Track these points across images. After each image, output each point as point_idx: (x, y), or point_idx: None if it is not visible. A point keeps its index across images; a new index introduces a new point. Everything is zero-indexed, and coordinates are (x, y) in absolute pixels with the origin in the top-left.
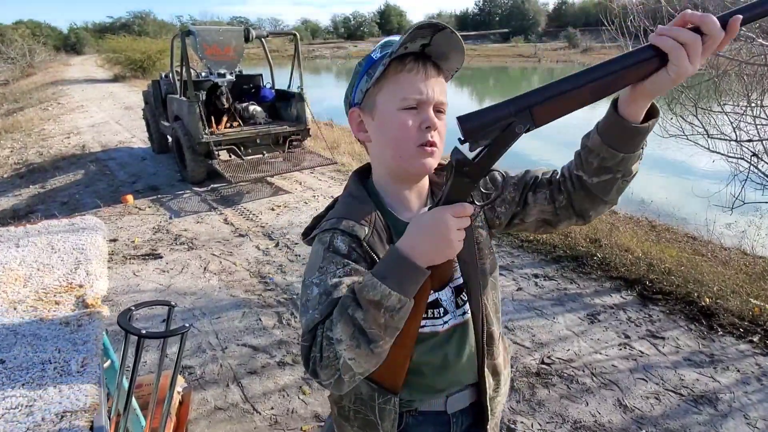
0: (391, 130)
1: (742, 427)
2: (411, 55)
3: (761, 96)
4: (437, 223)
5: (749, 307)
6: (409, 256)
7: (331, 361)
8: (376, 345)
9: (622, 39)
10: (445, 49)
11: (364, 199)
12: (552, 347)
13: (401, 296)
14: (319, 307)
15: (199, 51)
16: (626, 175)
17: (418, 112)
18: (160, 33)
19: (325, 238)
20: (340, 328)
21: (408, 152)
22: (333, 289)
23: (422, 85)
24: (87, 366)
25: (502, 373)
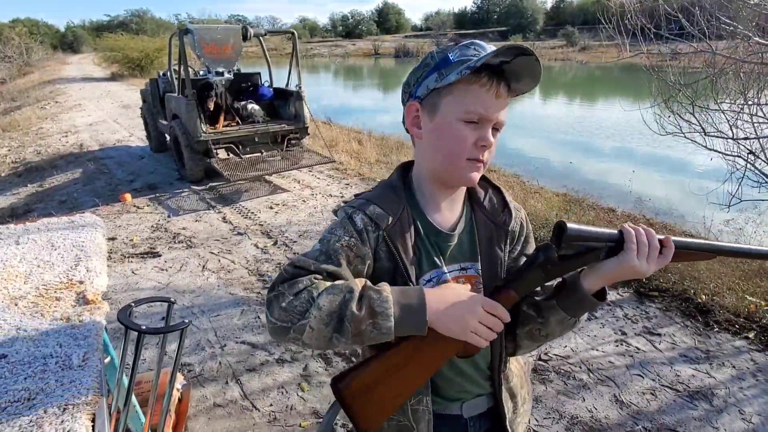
0: (447, 138)
1: (737, 422)
2: (487, 69)
3: (758, 94)
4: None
5: (745, 304)
6: (429, 311)
7: (295, 313)
8: (338, 338)
9: (619, 37)
10: (523, 71)
11: (399, 192)
12: (549, 344)
13: (393, 328)
14: (317, 260)
15: (197, 49)
16: (545, 326)
17: (478, 127)
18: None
19: (349, 211)
20: (327, 300)
21: (458, 164)
22: (333, 254)
23: (490, 102)
24: (88, 360)
25: (518, 395)
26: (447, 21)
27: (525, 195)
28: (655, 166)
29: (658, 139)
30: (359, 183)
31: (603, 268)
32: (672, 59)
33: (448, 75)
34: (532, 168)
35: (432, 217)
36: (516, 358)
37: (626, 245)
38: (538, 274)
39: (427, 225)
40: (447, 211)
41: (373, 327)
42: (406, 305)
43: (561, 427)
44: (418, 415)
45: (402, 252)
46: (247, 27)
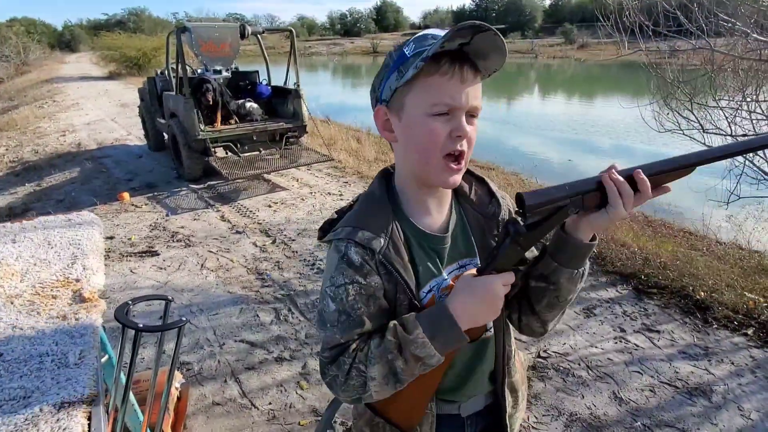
0: (418, 135)
1: (736, 418)
2: (447, 56)
3: (756, 91)
4: (490, 292)
5: (744, 300)
6: (458, 322)
7: (357, 388)
8: (401, 384)
9: (618, 35)
10: (486, 49)
11: (383, 203)
12: (548, 341)
13: (440, 358)
14: (339, 326)
15: (194, 47)
16: (558, 290)
17: (449, 118)
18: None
19: (340, 247)
20: (376, 369)
21: (433, 161)
22: (351, 310)
23: (456, 90)
24: (84, 358)
25: (519, 390)
26: (445, 19)
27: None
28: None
29: (656, 136)
30: (358, 181)
31: (593, 222)
32: (670, 56)
33: (407, 71)
34: (532, 166)
35: (422, 223)
36: (517, 355)
37: (612, 201)
38: (512, 248)
39: (419, 233)
40: (436, 213)
41: (424, 367)
42: (441, 335)
43: (560, 424)
44: (423, 417)
45: (401, 270)
46: (244, 25)
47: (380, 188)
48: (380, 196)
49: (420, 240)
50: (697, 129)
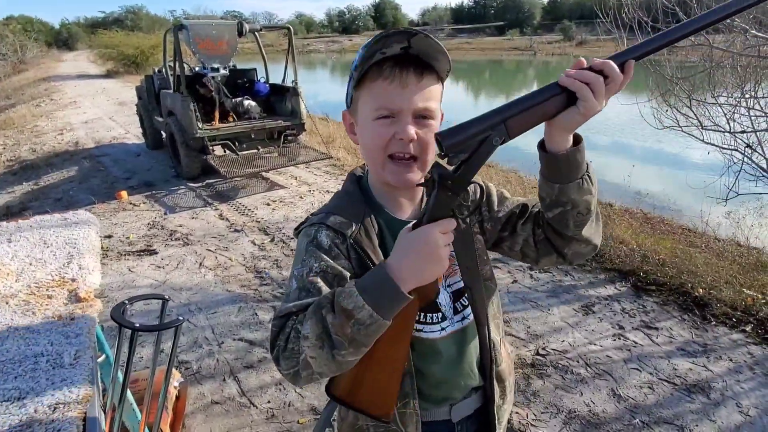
0: (366, 138)
1: (735, 415)
2: (391, 60)
3: (755, 87)
4: (426, 241)
5: (742, 297)
6: (394, 277)
7: (294, 353)
8: (339, 352)
9: (616, 31)
10: (429, 50)
11: (357, 197)
12: (547, 338)
13: (374, 313)
14: (296, 298)
15: (192, 45)
16: (575, 206)
17: (394, 122)
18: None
19: (310, 231)
20: (309, 326)
21: (379, 163)
22: (311, 286)
23: (396, 94)
24: (80, 358)
25: (507, 380)
26: (444, 16)
27: (523, 190)
28: (652, 160)
29: (655, 133)
30: None
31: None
32: (669, 53)
33: (355, 77)
34: (530, 163)
35: (394, 212)
36: (504, 345)
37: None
38: (442, 194)
39: (391, 221)
40: (407, 203)
41: (356, 324)
42: (372, 286)
43: (559, 422)
44: (406, 418)
45: (372, 256)
46: (242, 22)
47: (352, 184)
48: (353, 191)
49: (393, 228)
50: (696, 126)
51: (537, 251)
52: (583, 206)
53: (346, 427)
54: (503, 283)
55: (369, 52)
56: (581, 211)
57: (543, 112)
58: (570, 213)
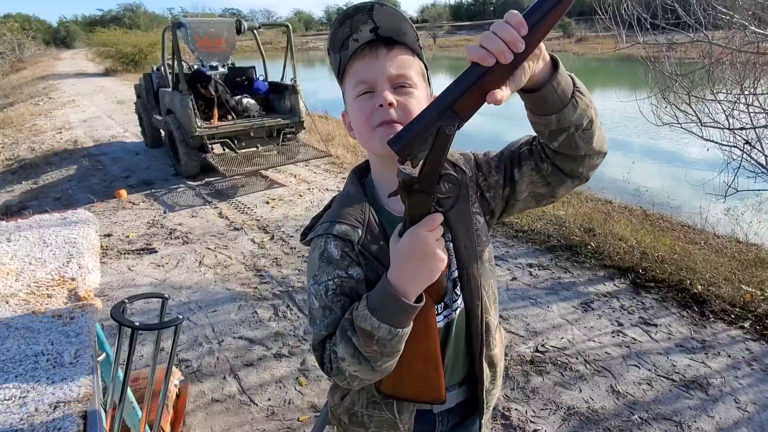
0: (354, 119)
1: (733, 410)
2: (367, 45)
3: (754, 83)
4: (415, 245)
5: (741, 293)
6: (397, 290)
7: (341, 371)
8: (375, 364)
9: (616, 28)
10: (393, 22)
11: (358, 197)
12: (546, 335)
13: (391, 328)
14: (324, 321)
15: (190, 43)
16: (579, 126)
17: (372, 95)
18: (151, 26)
19: (320, 243)
20: (342, 348)
21: (368, 136)
22: (332, 304)
23: (370, 67)
24: (80, 357)
25: (498, 365)
26: (443, 13)
27: None
28: (651, 156)
29: (654, 129)
30: None
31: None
32: (668, 50)
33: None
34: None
35: (394, 208)
36: (499, 330)
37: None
38: (414, 198)
39: (393, 218)
40: None
41: (379, 341)
42: (380, 305)
43: (558, 418)
44: (404, 406)
45: (380, 259)
46: (241, 20)
47: (353, 184)
48: (354, 191)
49: (394, 226)
50: (695, 122)
51: (549, 185)
52: (586, 121)
53: (341, 411)
54: (502, 280)
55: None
56: (586, 127)
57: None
58: (575, 134)
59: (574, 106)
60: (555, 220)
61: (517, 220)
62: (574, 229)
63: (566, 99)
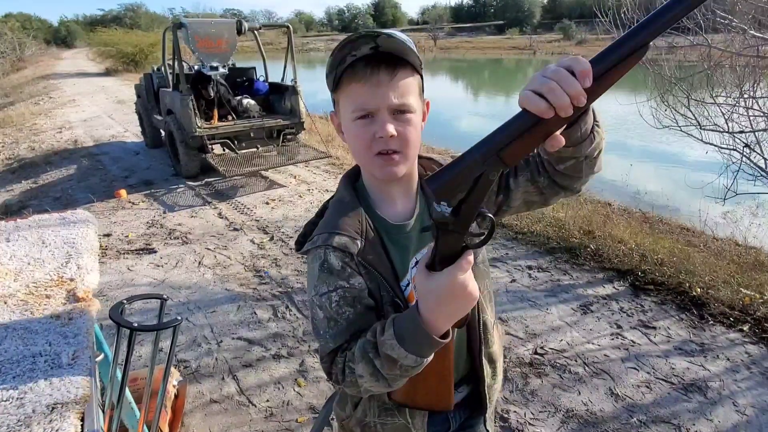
0: (350, 139)
1: (731, 414)
2: (362, 61)
3: (753, 87)
4: (454, 288)
5: (740, 296)
6: (429, 326)
7: (354, 384)
8: (394, 383)
9: (616, 31)
10: (397, 47)
11: (353, 204)
12: (545, 337)
13: (417, 358)
14: (330, 333)
15: (191, 44)
16: (589, 157)
17: (372, 121)
18: (152, 26)
19: (319, 254)
20: (361, 367)
21: (367, 161)
22: (338, 316)
23: (371, 94)
24: (78, 359)
25: (498, 361)
26: (443, 14)
27: None
28: (651, 159)
29: (654, 132)
30: None
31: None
32: (668, 53)
33: (331, 82)
34: None
35: (388, 215)
36: (497, 327)
37: None
38: (447, 237)
39: (388, 226)
40: (402, 201)
41: (403, 367)
42: (410, 337)
43: (556, 421)
44: (415, 412)
45: (379, 268)
46: (241, 21)
47: (347, 191)
48: (349, 198)
49: (390, 234)
50: (695, 125)
51: (543, 195)
52: (597, 152)
53: (353, 422)
54: (501, 282)
55: (338, 58)
56: (595, 156)
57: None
58: (584, 162)
59: (591, 140)
60: (555, 222)
61: (517, 222)
62: (573, 231)
63: (586, 134)
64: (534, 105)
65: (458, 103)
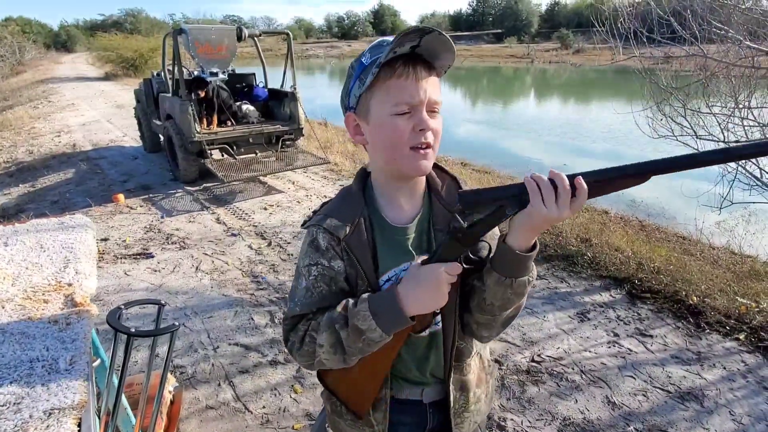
0: (385, 134)
1: (728, 423)
2: (400, 59)
3: (749, 97)
4: (434, 278)
5: (736, 305)
6: (403, 305)
7: (309, 354)
8: (349, 357)
9: (612, 40)
10: (436, 48)
11: (357, 196)
12: (542, 345)
13: (383, 333)
14: (302, 300)
15: (191, 49)
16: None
17: (412, 115)
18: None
19: (312, 231)
20: (324, 336)
21: (402, 154)
22: (313, 288)
23: (413, 89)
24: (75, 364)
25: (471, 390)
26: (442, 23)
27: None
28: None
29: (650, 141)
30: None
31: (517, 222)
32: (664, 62)
33: (366, 78)
34: (526, 169)
35: (388, 215)
36: (480, 356)
37: (530, 196)
38: (452, 244)
39: (384, 224)
40: (405, 206)
41: (366, 340)
42: (383, 312)
43: (553, 429)
44: (377, 403)
45: (360, 257)
46: (241, 27)
47: (357, 184)
48: (355, 191)
49: (384, 230)
50: (691, 135)
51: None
52: (490, 297)
53: (330, 405)
54: None
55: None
56: (486, 300)
57: None
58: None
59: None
60: (552, 230)
61: None
62: (570, 239)
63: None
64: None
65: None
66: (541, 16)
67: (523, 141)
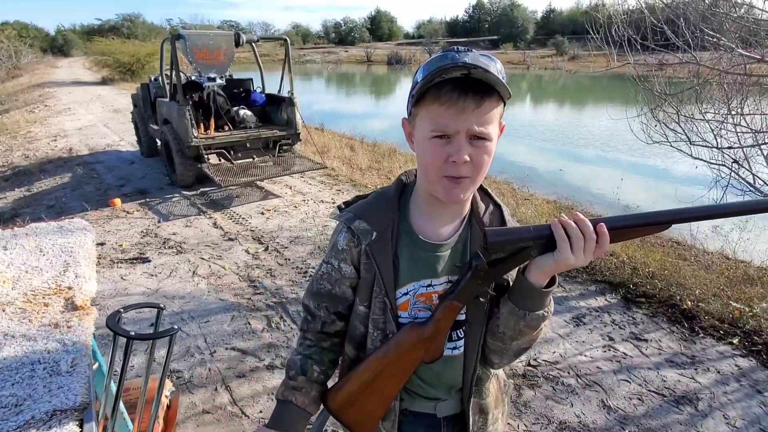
0: (423, 155)
1: (722, 426)
2: (450, 83)
3: (741, 104)
4: None
5: (730, 309)
6: None
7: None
8: None
9: (607, 47)
10: (488, 78)
11: (392, 203)
12: (538, 349)
13: None
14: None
15: (189, 55)
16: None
17: (448, 143)
18: (149, 36)
19: (339, 227)
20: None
21: (433, 180)
22: (321, 280)
23: (453, 119)
24: (76, 366)
25: (490, 413)
26: (439, 29)
27: (516, 202)
28: (642, 173)
29: (644, 147)
30: (351, 189)
31: (541, 263)
32: (658, 69)
33: (414, 93)
34: (523, 175)
35: (421, 229)
36: (497, 378)
37: (558, 243)
38: (472, 282)
39: (413, 236)
40: (441, 223)
41: None
42: None
43: None
44: (386, 414)
45: (381, 265)
46: (239, 33)
47: (395, 189)
48: (392, 196)
49: (411, 243)
50: (684, 141)
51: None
52: (503, 326)
53: None
54: None
55: (430, 77)
56: (499, 327)
57: None
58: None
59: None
60: None
61: None
62: None
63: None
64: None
65: None
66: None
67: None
